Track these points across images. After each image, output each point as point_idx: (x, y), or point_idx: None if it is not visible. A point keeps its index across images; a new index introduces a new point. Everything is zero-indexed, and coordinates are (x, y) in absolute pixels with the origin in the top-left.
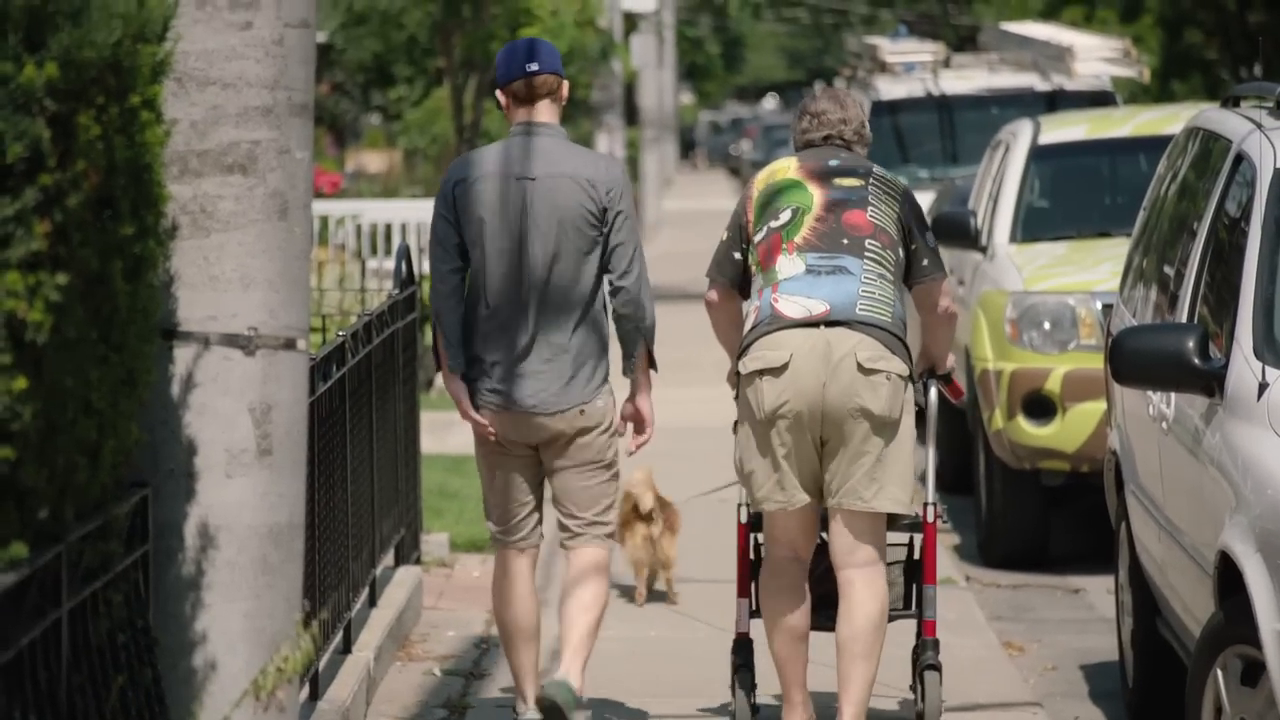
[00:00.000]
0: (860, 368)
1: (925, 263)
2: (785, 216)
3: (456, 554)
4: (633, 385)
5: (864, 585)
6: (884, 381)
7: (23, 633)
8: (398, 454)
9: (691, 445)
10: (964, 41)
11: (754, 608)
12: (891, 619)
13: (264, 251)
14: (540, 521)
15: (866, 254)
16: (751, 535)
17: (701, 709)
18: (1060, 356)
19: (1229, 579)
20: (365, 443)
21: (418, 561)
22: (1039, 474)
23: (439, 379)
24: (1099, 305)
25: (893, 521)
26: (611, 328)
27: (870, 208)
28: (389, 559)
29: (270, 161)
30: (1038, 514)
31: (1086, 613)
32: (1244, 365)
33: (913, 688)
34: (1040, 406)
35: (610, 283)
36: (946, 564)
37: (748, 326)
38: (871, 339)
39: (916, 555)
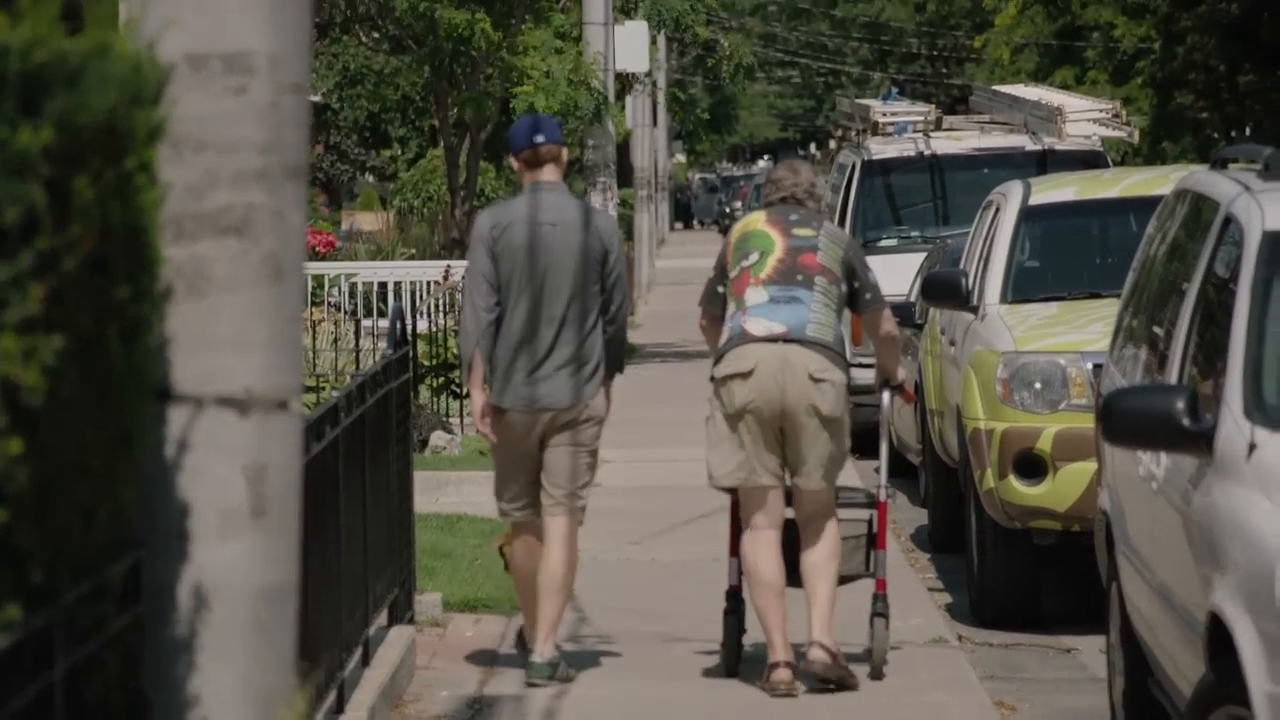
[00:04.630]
0: (811, 377)
1: (868, 296)
2: (754, 257)
3: (450, 613)
4: (604, 388)
5: (819, 533)
6: (830, 388)
7: (16, 696)
8: (391, 513)
9: (683, 504)
10: (955, 102)
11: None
12: (855, 578)
13: (258, 314)
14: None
15: (815, 288)
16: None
17: None
18: (1051, 416)
19: (1219, 640)
20: (359, 502)
21: (411, 621)
22: (1030, 533)
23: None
24: (1089, 365)
25: (841, 496)
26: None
27: (819, 252)
28: (382, 619)
29: (265, 224)
30: (1029, 573)
31: (1079, 672)
32: (1233, 426)
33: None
34: (1031, 466)
35: (607, 311)
36: (939, 623)
37: (721, 340)
38: (819, 354)
39: (874, 529)
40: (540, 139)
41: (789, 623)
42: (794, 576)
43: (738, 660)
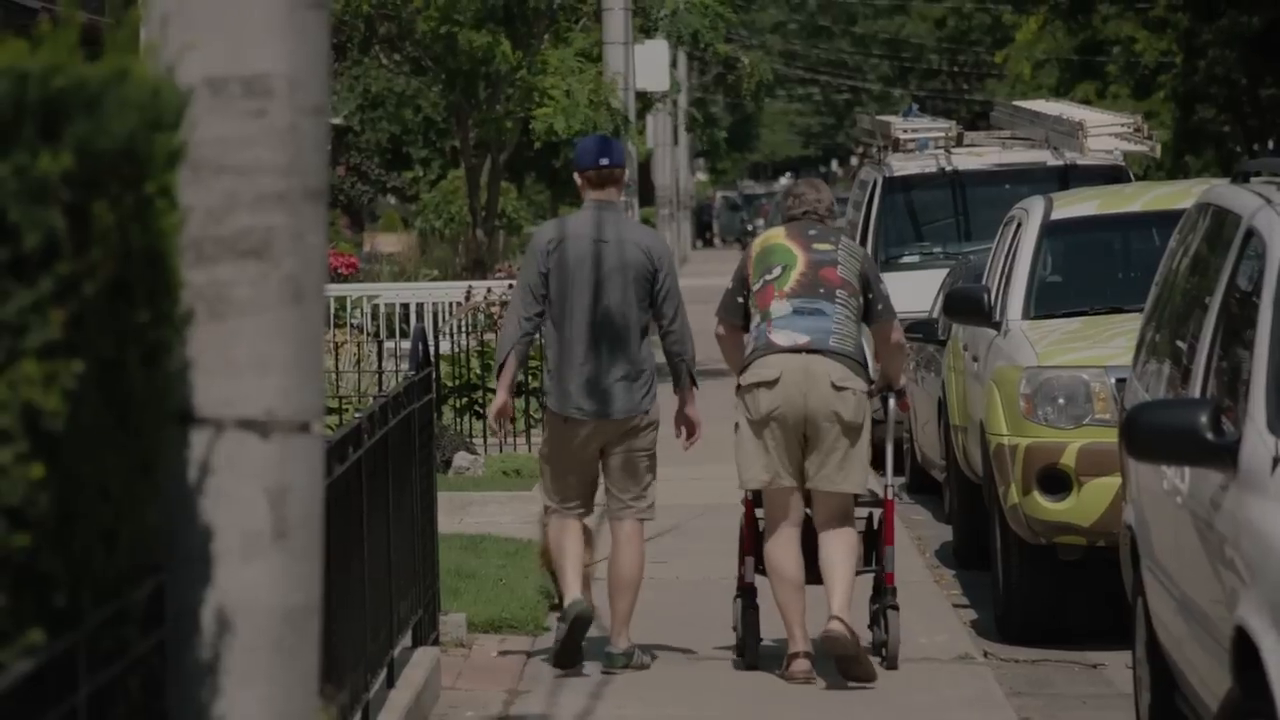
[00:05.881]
0: (833, 385)
1: (880, 308)
2: (777, 271)
3: (474, 634)
4: (681, 399)
5: (837, 534)
6: (851, 395)
7: None
8: (415, 534)
9: (708, 522)
10: (976, 118)
11: (758, 566)
12: (858, 574)
13: (279, 336)
14: (592, 496)
15: (837, 300)
16: (755, 509)
17: None
18: (1075, 431)
19: (1245, 654)
20: (382, 523)
21: (435, 642)
22: (1056, 549)
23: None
24: (1113, 380)
25: (858, 498)
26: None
27: (839, 266)
28: (407, 639)
29: (285, 247)
30: (1055, 589)
31: (1105, 688)
32: (1257, 439)
33: (870, 627)
34: (1056, 481)
35: (661, 326)
36: (965, 640)
37: (748, 351)
38: (840, 364)
39: (875, 526)
40: (606, 161)
41: (809, 621)
42: (811, 573)
43: (757, 654)
